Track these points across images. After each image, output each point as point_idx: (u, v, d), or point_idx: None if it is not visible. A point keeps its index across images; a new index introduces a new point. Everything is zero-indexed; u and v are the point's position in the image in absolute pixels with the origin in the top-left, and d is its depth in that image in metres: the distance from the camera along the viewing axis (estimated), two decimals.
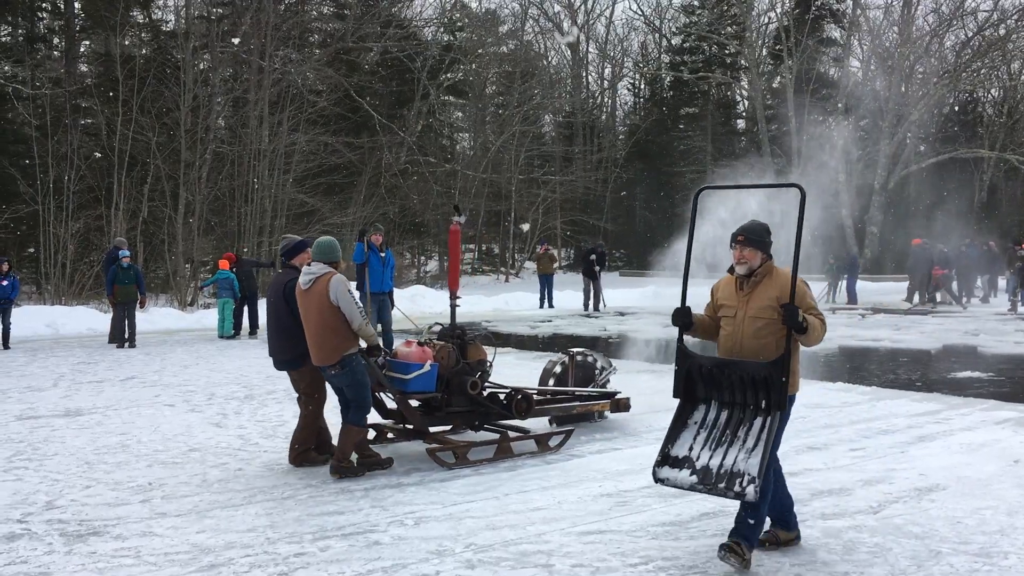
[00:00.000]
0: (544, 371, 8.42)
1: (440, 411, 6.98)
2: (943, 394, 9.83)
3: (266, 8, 25.40)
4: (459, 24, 37.35)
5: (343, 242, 27.28)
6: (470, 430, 7.38)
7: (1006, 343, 14.72)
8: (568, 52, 46.58)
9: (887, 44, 37.66)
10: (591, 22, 47.10)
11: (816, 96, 36.83)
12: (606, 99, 48.97)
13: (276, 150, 25.27)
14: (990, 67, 38.25)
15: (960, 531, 5.13)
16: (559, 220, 38.94)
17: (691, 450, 4.61)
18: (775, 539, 4.91)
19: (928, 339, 15.39)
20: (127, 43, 25.45)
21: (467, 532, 5.16)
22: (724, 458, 4.49)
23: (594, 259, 21.76)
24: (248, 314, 16.40)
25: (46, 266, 21.88)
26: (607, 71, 48.96)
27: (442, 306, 19.70)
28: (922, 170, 36.75)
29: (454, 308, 7.66)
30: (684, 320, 4.77)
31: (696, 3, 42.08)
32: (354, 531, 5.19)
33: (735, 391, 4.59)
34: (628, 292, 25.16)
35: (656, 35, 47.16)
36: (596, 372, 8.36)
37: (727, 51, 41.64)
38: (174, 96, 23.20)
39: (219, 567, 4.63)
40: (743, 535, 4.52)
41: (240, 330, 16.31)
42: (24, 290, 21.53)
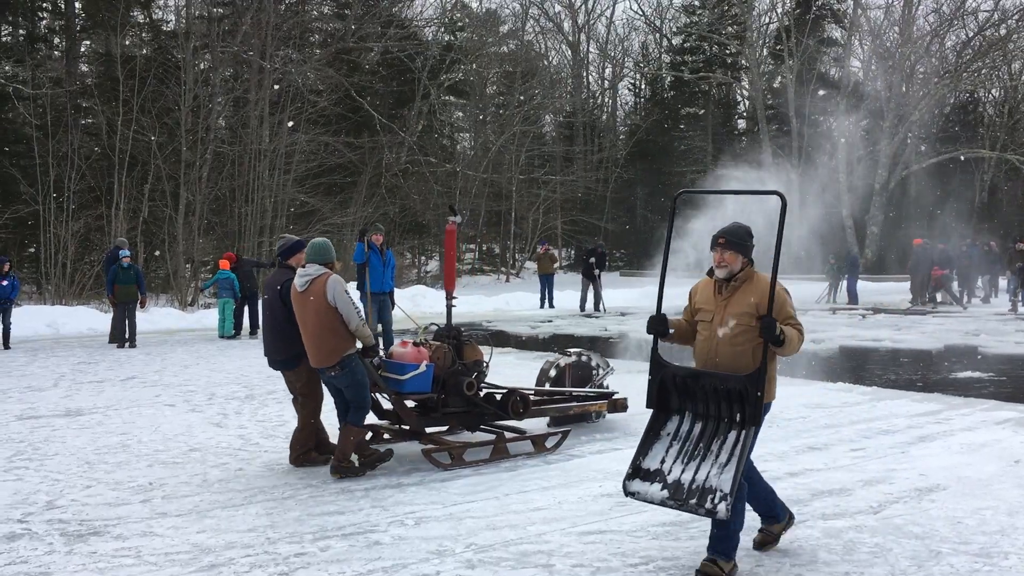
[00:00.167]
0: (541, 371, 8.36)
1: (436, 412, 6.94)
2: (944, 394, 9.83)
3: (266, 8, 25.41)
4: (460, 24, 37.37)
5: (344, 242, 27.31)
6: (467, 431, 7.34)
7: (1007, 343, 14.70)
8: (568, 52, 46.60)
9: (888, 44, 37.67)
10: (592, 22, 47.16)
11: (817, 96, 36.83)
12: (607, 99, 49.02)
13: (276, 150, 25.28)
14: (991, 67, 38.25)
15: (960, 531, 5.13)
16: (559, 220, 38.93)
17: (663, 463, 4.46)
18: (771, 536, 4.84)
19: (929, 339, 15.37)
20: (128, 43, 25.47)
21: (467, 532, 5.16)
22: (696, 472, 4.34)
23: (593, 260, 21.67)
24: (248, 314, 16.40)
25: (47, 266, 21.89)
26: (608, 71, 49.04)
27: (443, 306, 19.64)
28: (923, 170, 36.75)
29: (450, 308, 7.64)
30: (659, 328, 4.62)
31: (697, 3, 42.09)
32: (354, 531, 5.19)
33: (709, 403, 4.44)
34: (628, 292, 25.15)
35: (657, 35, 47.21)
36: (593, 372, 8.33)
37: (728, 51, 41.66)
38: (175, 96, 23.21)
39: (219, 567, 4.63)
40: (718, 551, 4.44)
41: (241, 330, 16.31)
42: (24, 290, 21.55)
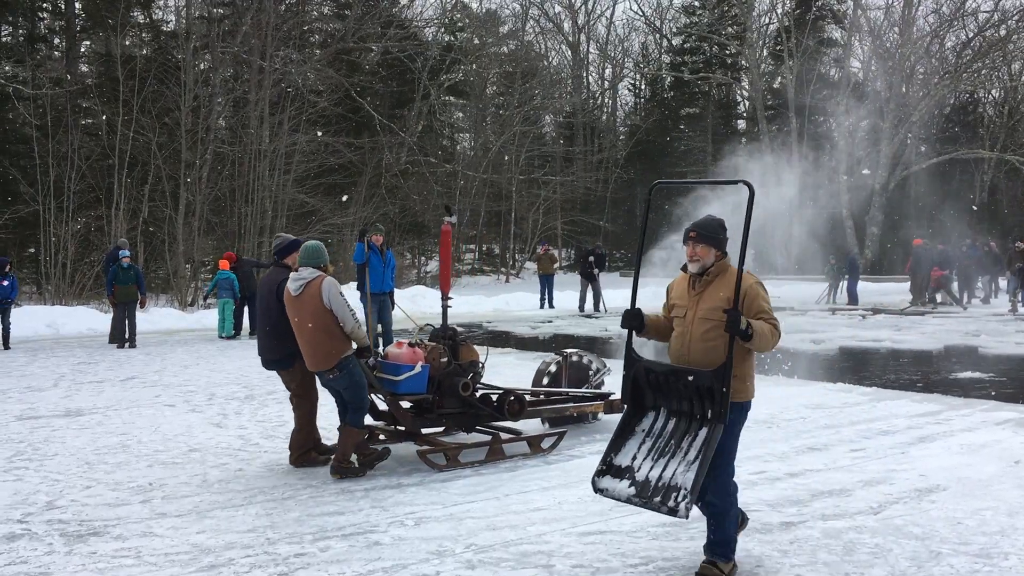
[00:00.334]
0: (538, 372, 8.31)
1: (432, 413, 6.91)
2: (944, 395, 9.82)
3: (267, 8, 25.41)
4: (459, 24, 37.41)
5: (343, 242, 27.32)
6: (462, 432, 7.31)
7: (1007, 344, 14.70)
8: (568, 52, 46.60)
9: (888, 45, 37.68)
10: (592, 22, 47.16)
11: (817, 97, 36.84)
12: (606, 99, 49.01)
13: (276, 150, 25.28)
14: (991, 68, 38.27)
15: (960, 532, 5.13)
16: (559, 220, 38.94)
17: (634, 460, 4.38)
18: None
19: (929, 340, 15.37)
20: (128, 43, 25.48)
21: (467, 532, 5.16)
22: (664, 470, 4.25)
23: (592, 260, 21.66)
24: (248, 314, 16.38)
25: (47, 266, 21.89)
26: (608, 71, 49.03)
27: (451, 306, 19.66)
28: (923, 170, 36.76)
29: (446, 309, 7.63)
30: (633, 323, 4.55)
31: (697, 3, 42.11)
32: (354, 531, 5.19)
33: (682, 399, 4.36)
34: (628, 292, 25.11)
35: (657, 35, 47.22)
36: (590, 373, 8.30)
37: (728, 51, 41.68)
38: (175, 96, 23.21)
39: (219, 567, 4.63)
40: (717, 552, 4.42)
41: (241, 330, 16.31)
42: (24, 290, 21.56)
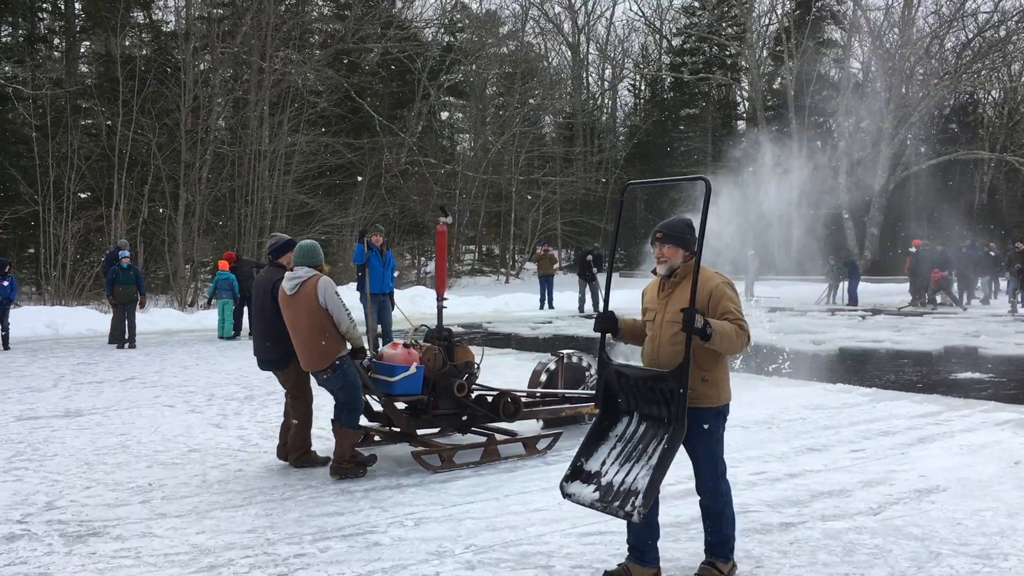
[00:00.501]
0: (534, 373, 8.26)
1: (427, 414, 6.88)
2: (944, 395, 9.81)
3: (266, 9, 25.43)
4: (459, 25, 37.43)
5: (343, 243, 27.30)
6: (457, 433, 7.28)
7: (1006, 345, 14.70)
8: (568, 53, 46.61)
9: (887, 45, 37.70)
10: (591, 23, 47.18)
11: (817, 97, 36.83)
12: (606, 100, 49.03)
13: (276, 151, 25.29)
14: (990, 69, 38.28)
15: (960, 533, 5.13)
16: (559, 221, 38.95)
17: (603, 464, 4.29)
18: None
19: (929, 340, 15.37)
20: (127, 44, 25.50)
21: (467, 533, 5.16)
22: (627, 475, 4.16)
23: (591, 260, 21.65)
24: (248, 315, 16.40)
25: (46, 266, 21.89)
26: (607, 72, 49.04)
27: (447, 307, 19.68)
28: (923, 171, 36.78)
29: (441, 310, 7.60)
30: (605, 326, 4.44)
31: (697, 4, 42.12)
32: (354, 532, 5.19)
33: (651, 403, 4.26)
34: (628, 293, 25.11)
35: (656, 36, 47.24)
36: (587, 374, 8.28)
37: (727, 52, 41.68)
38: (174, 97, 23.22)
39: (219, 568, 4.63)
40: (715, 553, 4.42)
41: (240, 331, 16.31)
42: (24, 290, 21.56)
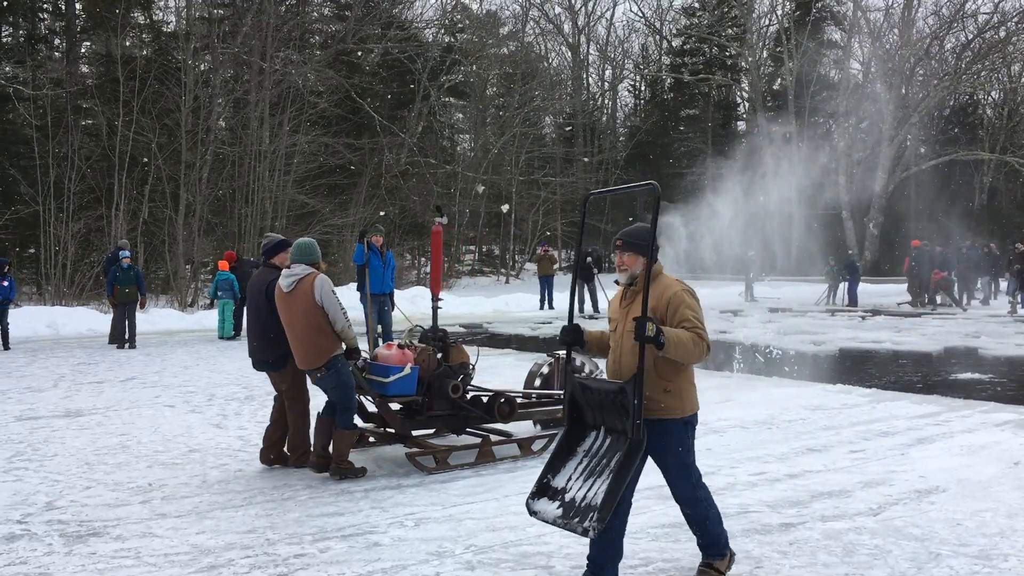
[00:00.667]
0: (529, 373, 8.26)
1: (421, 415, 6.85)
2: (943, 396, 9.81)
3: (267, 9, 25.44)
4: (460, 26, 37.42)
5: (343, 243, 27.29)
6: (452, 434, 7.25)
7: (1006, 345, 14.69)
8: (568, 53, 46.62)
9: (887, 46, 37.72)
10: (592, 24, 47.15)
11: (817, 98, 36.83)
12: (606, 101, 48.98)
13: (277, 151, 25.29)
14: (990, 69, 38.30)
15: (960, 533, 5.13)
16: (559, 222, 38.95)
17: (569, 480, 4.18)
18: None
19: (929, 341, 15.37)
20: (128, 44, 25.49)
21: (467, 533, 5.16)
22: (589, 490, 4.05)
23: (590, 261, 21.60)
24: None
25: (46, 267, 21.90)
26: (607, 73, 49.01)
27: (442, 308, 19.68)
28: (922, 172, 36.79)
29: (436, 310, 7.59)
30: (569, 338, 4.34)
31: (697, 5, 42.12)
32: (354, 532, 5.19)
33: (614, 416, 4.13)
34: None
35: (656, 37, 47.22)
36: (583, 374, 8.28)
37: (727, 53, 41.69)
38: (175, 97, 23.23)
39: (219, 568, 4.63)
40: (710, 553, 4.43)
41: (240, 331, 16.30)
42: (24, 291, 21.57)
